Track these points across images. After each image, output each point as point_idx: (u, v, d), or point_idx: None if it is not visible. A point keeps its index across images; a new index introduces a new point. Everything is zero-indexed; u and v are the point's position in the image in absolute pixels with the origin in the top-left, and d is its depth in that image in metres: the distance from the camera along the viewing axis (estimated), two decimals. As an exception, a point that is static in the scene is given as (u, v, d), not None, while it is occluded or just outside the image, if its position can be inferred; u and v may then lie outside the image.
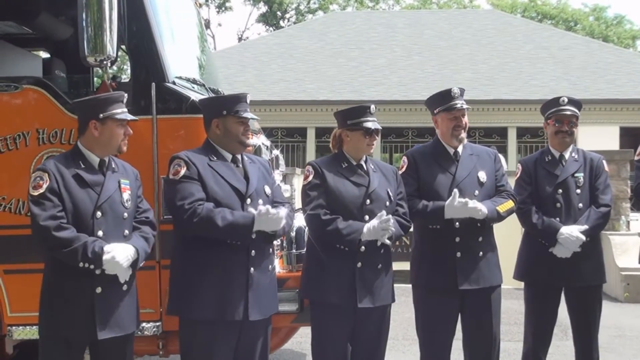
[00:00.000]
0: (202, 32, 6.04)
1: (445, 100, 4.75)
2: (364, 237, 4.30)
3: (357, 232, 4.29)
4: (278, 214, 4.02)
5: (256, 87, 23.04)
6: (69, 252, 3.75)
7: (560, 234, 4.90)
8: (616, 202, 11.13)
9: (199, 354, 4.10)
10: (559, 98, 5.15)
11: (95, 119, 3.96)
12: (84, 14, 4.33)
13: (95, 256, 3.78)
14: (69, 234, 3.77)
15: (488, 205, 4.62)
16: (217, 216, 3.95)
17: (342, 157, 4.54)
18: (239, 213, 4.04)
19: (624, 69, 23.37)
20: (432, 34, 26.57)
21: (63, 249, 3.75)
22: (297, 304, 4.86)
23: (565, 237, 4.89)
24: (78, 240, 3.76)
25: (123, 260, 3.84)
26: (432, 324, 4.74)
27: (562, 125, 5.09)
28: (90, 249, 3.77)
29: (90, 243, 3.79)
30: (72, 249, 3.75)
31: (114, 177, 4.02)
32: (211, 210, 3.97)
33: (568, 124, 5.10)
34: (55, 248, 3.77)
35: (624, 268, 9.98)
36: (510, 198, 4.80)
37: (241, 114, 4.20)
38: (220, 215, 3.96)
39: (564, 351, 6.74)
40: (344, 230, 4.29)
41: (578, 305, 5.09)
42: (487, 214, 4.56)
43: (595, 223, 4.98)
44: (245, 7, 46.73)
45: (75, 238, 3.77)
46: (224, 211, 4.00)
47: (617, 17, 47.07)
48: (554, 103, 5.16)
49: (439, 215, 4.58)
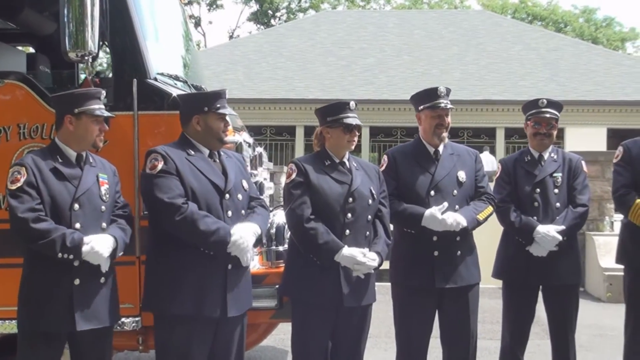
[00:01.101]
0: (186, 29, 6.04)
1: (431, 98, 4.76)
2: (338, 259, 4.27)
3: (333, 251, 4.26)
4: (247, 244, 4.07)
5: (246, 85, 23.09)
6: (47, 243, 3.77)
7: (536, 232, 4.94)
8: (600, 203, 11.22)
9: (175, 350, 4.08)
10: (538, 100, 5.18)
11: (70, 114, 3.99)
12: (65, 9, 4.33)
13: (74, 246, 3.80)
14: (47, 226, 3.79)
15: (468, 214, 4.65)
16: (199, 221, 3.96)
17: (324, 155, 4.53)
18: (221, 228, 4.02)
19: (612, 71, 23.52)
20: (422, 34, 26.67)
21: (41, 240, 3.77)
22: (276, 300, 4.86)
23: (541, 236, 4.94)
24: (56, 231, 3.79)
25: (103, 250, 3.88)
26: (410, 321, 4.76)
27: (540, 128, 5.14)
28: (69, 240, 3.79)
29: (69, 234, 3.81)
30: (50, 240, 3.77)
31: (92, 171, 4.05)
32: (196, 212, 3.98)
33: (546, 126, 5.14)
34: (34, 240, 3.79)
35: (607, 268, 10.03)
36: (490, 203, 4.83)
37: (221, 110, 4.21)
38: (204, 220, 3.97)
39: (544, 350, 6.77)
40: (323, 245, 4.25)
41: (555, 304, 5.14)
42: (466, 226, 4.61)
43: (572, 223, 5.03)
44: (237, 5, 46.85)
45: (54, 229, 3.79)
46: (208, 218, 4.00)
47: (606, 19, 47.33)
48: (533, 104, 5.20)
49: (415, 222, 4.62)
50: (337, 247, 4.26)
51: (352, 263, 4.28)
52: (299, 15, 44.24)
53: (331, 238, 4.27)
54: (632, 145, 5.19)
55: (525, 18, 43.63)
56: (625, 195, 5.06)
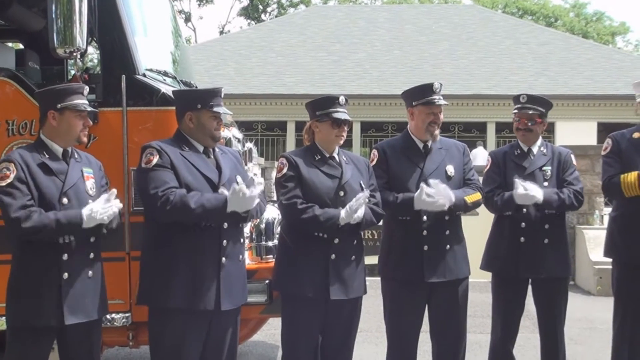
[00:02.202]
0: (175, 25, 6.04)
1: (426, 94, 4.75)
2: (342, 222, 4.31)
3: (335, 217, 4.30)
4: (251, 193, 4.02)
5: (236, 80, 23.08)
6: (45, 234, 3.81)
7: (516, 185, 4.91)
8: (590, 197, 11.24)
9: (169, 343, 4.10)
10: (519, 96, 5.22)
11: (53, 109, 4.00)
12: (53, 5, 4.34)
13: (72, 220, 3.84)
14: (39, 218, 3.80)
15: (457, 193, 4.66)
16: (190, 200, 3.97)
17: (314, 149, 4.55)
18: (212, 195, 4.05)
19: (603, 65, 23.59)
20: (412, 29, 26.68)
21: (39, 233, 3.80)
22: (266, 295, 4.89)
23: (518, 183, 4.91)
24: (48, 219, 3.81)
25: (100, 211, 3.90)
26: (400, 315, 4.78)
27: (519, 123, 5.18)
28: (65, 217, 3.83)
29: (61, 213, 3.85)
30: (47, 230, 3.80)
31: (77, 166, 4.07)
32: (184, 195, 3.99)
33: (526, 122, 5.15)
34: (30, 235, 3.80)
35: (597, 262, 10.06)
36: (479, 190, 4.86)
37: (215, 108, 4.21)
38: (194, 199, 3.98)
39: (534, 343, 6.79)
40: (321, 216, 4.29)
41: (544, 297, 5.16)
42: (454, 202, 4.59)
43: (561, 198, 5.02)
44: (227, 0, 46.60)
45: (45, 218, 3.81)
46: (197, 194, 4.01)
47: (596, 14, 47.45)
48: (515, 100, 5.24)
49: (408, 206, 4.63)
50: (336, 213, 4.31)
51: (352, 213, 4.29)
52: (290, 10, 44.20)
53: (326, 209, 4.32)
54: (620, 138, 5.22)
55: (516, 12, 43.69)
56: (611, 178, 5.09)
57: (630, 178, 4.98)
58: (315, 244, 4.38)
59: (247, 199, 4.02)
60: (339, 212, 4.31)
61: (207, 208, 3.99)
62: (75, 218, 3.86)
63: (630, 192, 4.99)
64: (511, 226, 5.08)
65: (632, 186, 4.97)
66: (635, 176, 4.95)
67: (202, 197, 4.01)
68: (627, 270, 5.13)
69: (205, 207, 3.98)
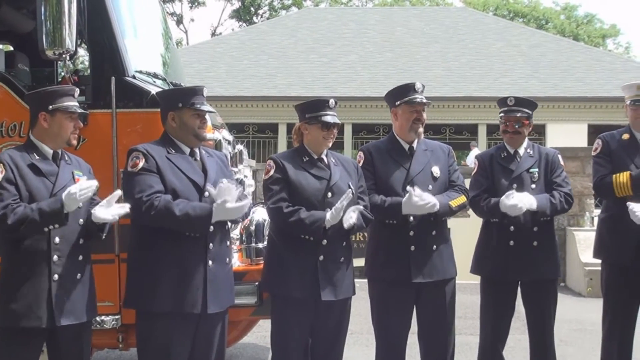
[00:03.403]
0: (165, 27, 6.05)
1: (407, 93, 4.79)
2: (328, 224, 4.31)
3: (321, 220, 4.31)
4: (236, 204, 4.03)
5: (228, 82, 23.05)
6: (28, 225, 3.79)
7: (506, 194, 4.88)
8: (581, 199, 11.29)
9: (157, 346, 4.10)
10: (506, 98, 5.21)
11: (44, 111, 4.01)
12: (42, 7, 4.35)
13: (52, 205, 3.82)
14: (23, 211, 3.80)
15: (441, 199, 4.67)
16: (174, 207, 3.97)
17: (303, 151, 4.56)
18: (198, 204, 4.05)
19: (593, 67, 23.65)
20: (404, 31, 26.70)
21: (24, 223, 3.79)
22: (256, 296, 4.90)
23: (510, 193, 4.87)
24: (31, 210, 3.81)
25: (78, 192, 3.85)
26: (387, 316, 4.79)
27: (507, 126, 5.16)
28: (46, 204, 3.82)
29: (42, 202, 3.85)
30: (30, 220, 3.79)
31: (68, 168, 4.07)
32: (169, 201, 3.99)
33: (514, 125, 5.15)
34: (15, 230, 3.80)
35: (587, 263, 10.10)
36: (463, 193, 4.87)
37: (197, 106, 4.20)
38: (179, 207, 3.98)
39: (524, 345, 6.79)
40: (307, 219, 4.30)
41: (533, 299, 5.15)
42: (439, 209, 4.61)
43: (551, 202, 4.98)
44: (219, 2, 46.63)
45: (29, 211, 3.81)
46: (182, 202, 4.01)
47: (587, 16, 47.54)
48: (502, 103, 5.23)
49: (396, 211, 4.64)
50: (321, 216, 4.31)
51: (337, 215, 4.28)
52: (281, 12, 44.17)
53: (312, 212, 4.32)
54: (609, 139, 5.26)
55: (507, 15, 43.74)
56: (602, 178, 5.13)
57: (622, 178, 5.02)
58: (303, 246, 4.38)
59: (233, 210, 4.04)
60: (324, 214, 4.31)
61: (192, 216, 3.98)
62: (55, 202, 3.84)
63: (622, 192, 5.03)
64: (500, 230, 5.07)
65: (624, 186, 5.01)
66: (627, 176, 5.00)
67: (188, 205, 4.00)
68: (616, 272, 5.16)
69: (189, 215, 3.98)
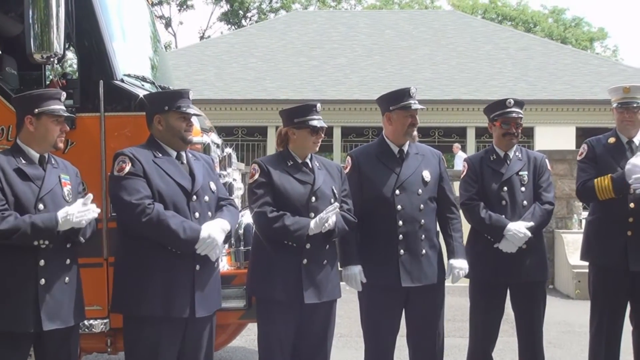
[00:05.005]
0: (154, 30, 6.03)
1: (403, 98, 4.81)
2: (311, 232, 4.34)
3: (305, 227, 4.34)
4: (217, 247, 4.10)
5: (217, 85, 23.03)
6: (19, 237, 3.77)
7: (507, 230, 4.98)
8: (569, 201, 11.33)
9: (144, 351, 4.09)
10: (505, 100, 5.21)
11: (30, 115, 3.99)
12: (30, 10, 4.33)
13: (47, 223, 3.81)
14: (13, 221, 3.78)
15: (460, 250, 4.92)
16: (168, 220, 3.97)
17: (287, 155, 4.58)
18: (190, 226, 4.03)
19: (581, 70, 23.74)
20: (392, 34, 26.74)
21: (13, 235, 3.77)
22: (244, 300, 4.88)
23: (512, 233, 4.97)
24: (24, 222, 3.79)
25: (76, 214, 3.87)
26: (376, 320, 4.80)
27: (509, 128, 5.16)
28: (40, 220, 3.80)
29: (37, 216, 3.83)
30: (21, 232, 3.77)
31: (55, 172, 4.05)
32: (162, 213, 3.98)
33: (515, 126, 5.18)
34: (5, 236, 3.77)
35: (575, 265, 10.14)
36: (456, 210, 5.01)
37: (183, 109, 4.20)
38: (172, 220, 3.98)
39: (513, 347, 6.82)
40: (291, 226, 4.32)
41: (522, 301, 5.17)
42: None
43: (540, 220, 5.08)
44: (207, 5, 46.45)
45: (21, 221, 3.79)
46: (175, 218, 4.00)
47: (575, 19, 47.72)
48: (500, 105, 5.22)
49: None
50: (305, 223, 4.34)
51: (321, 224, 4.33)
52: (270, 15, 44.15)
53: (297, 218, 4.35)
54: (595, 143, 5.28)
55: (495, 18, 43.87)
56: (585, 182, 5.18)
57: (604, 182, 5.05)
58: (287, 249, 4.41)
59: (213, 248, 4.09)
60: (308, 223, 4.34)
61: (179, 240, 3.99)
62: (50, 221, 3.83)
63: (604, 196, 5.06)
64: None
65: (606, 189, 5.04)
66: (609, 179, 5.03)
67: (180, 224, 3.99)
68: (603, 274, 5.18)
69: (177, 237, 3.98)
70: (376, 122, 22.23)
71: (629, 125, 5.18)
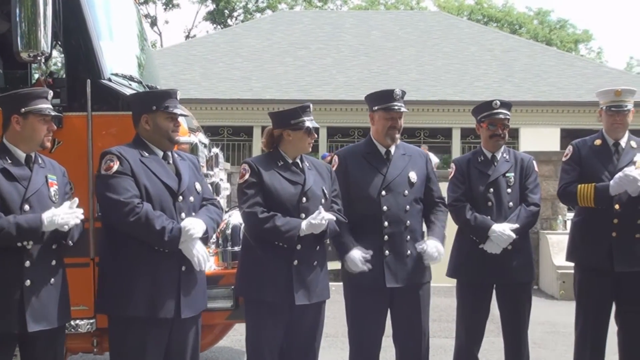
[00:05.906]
0: (141, 29, 6.01)
1: (386, 100, 4.81)
2: (302, 233, 4.33)
3: (296, 229, 4.33)
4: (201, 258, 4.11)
5: (202, 85, 22.97)
6: (4, 234, 3.75)
7: (492, 231, 5.01)
8: (554, 202, 11.39)
9: (130, 352, 4.08)
10: (492, 101, 5.23)
11: (17, 114, 3.96)
12: (17, 9, 4.31)
13: (31, 223, 3.78)
14: None
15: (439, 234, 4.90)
16: (155, 221, 3.96)
17: (277, 155, 4.56)
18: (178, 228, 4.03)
19: (566, 72, 23.84)
20: (378, 35, 26.76)
21: None
22: (231, 300, 4.88)
23: (497, 234, 5.00)
24: (8, 222, 3.76)
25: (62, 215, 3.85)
26: (362, 320, 4.81)
27: (496, 129, 5.19)
28: (24, 220, 3.78)
29: (21, 217, 3.80)
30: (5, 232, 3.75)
31: (42, 172, 4.02)
32: (151, 212, 3.97)
33: (501, 127, 5.20)
34: None
35: (560, 266, 10.20)
36: (443, 207, 5.02)
37: (170, 109, 4.19)
38: (159, 221, 3.97)
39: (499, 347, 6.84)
40: (282, 227, 4.31)
41: (508, 302, 5.19)
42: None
43: (525, 221, 5.11)
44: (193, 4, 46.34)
45: (5, 222, 3.77)
46: (162, 218, 4.00)
47: (560, 21, 47.92)
48: (487, 107, 5.24)
49: None
50: (297, 224, 4.33)
51: (313, 227, 4.32)
52: (256, 15, 44.07)
53: (288, 219, 4.34)
54: (581, 146, 5.30)
55: (481, 19, 44.02)
56: (567, 186, 5.20)
57: (587, 190, 5.07)
58: (278, 250, 4.39)
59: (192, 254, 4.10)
60: (300, 224, 4.33)
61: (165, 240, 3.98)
62: (34, 221, 3.80)
63: (584, 203, 5.10)
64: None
65: (588, 198, 5.07)
66: (592, 188, 5.04)
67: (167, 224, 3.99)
68: (588, 275, 5.21)
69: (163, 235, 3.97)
70: (362, 123, 22.29)
71: (619, 127, 5.20)
